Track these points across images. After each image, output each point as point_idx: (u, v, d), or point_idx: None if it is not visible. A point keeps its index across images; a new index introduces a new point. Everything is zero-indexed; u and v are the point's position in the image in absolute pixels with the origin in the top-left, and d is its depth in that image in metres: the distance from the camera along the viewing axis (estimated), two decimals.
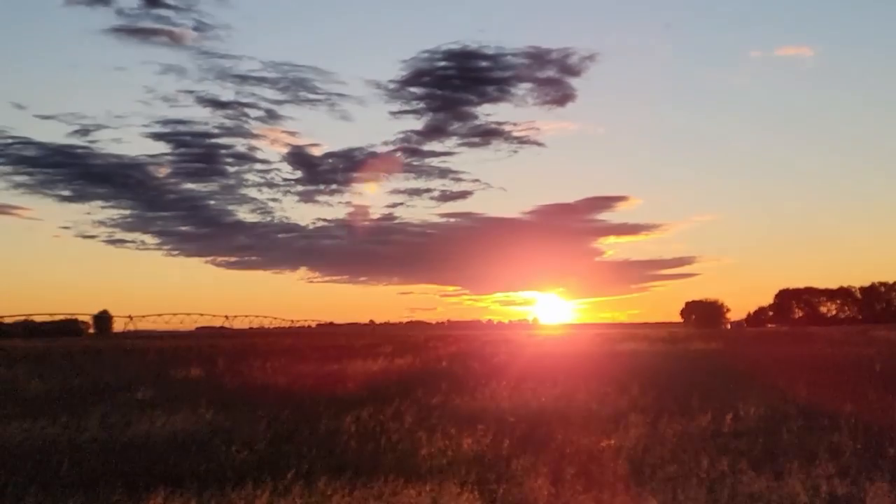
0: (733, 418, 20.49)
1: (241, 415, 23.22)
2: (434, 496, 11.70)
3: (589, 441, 17.32)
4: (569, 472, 13.78)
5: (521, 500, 11.83)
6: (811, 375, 32.89)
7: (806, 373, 34.34)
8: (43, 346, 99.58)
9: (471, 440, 17.69)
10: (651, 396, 25.61)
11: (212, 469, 15.60)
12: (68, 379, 40.26)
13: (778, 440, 17.57)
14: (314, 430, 20.35)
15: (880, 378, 31.89)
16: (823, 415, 20.99)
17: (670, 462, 14.90)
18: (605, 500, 11.29)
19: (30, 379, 39.75)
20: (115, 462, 16.72)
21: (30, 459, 17.06)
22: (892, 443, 16.39)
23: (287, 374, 40.78)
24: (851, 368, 37.77)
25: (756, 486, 12.31)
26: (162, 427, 20.93)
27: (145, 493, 12.20)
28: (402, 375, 38.95)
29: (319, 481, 13.09)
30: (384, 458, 16.47)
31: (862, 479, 12.88)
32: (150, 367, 49.44)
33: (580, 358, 50.07)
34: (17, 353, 76.66)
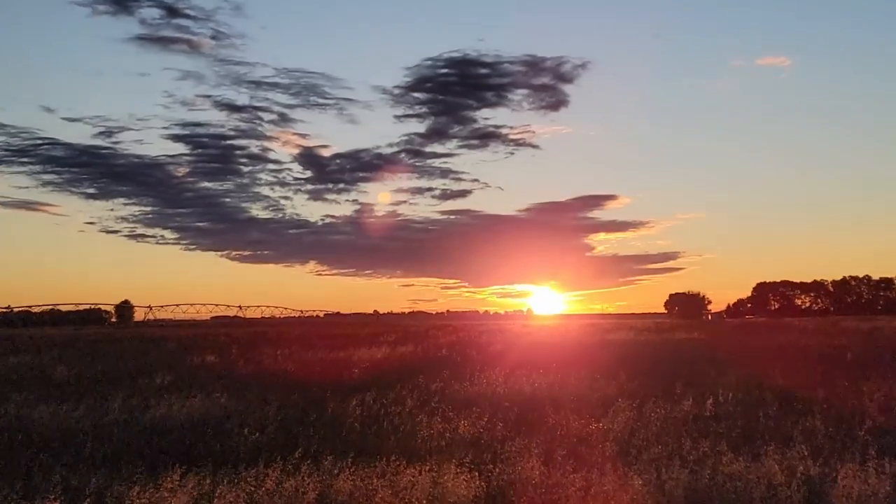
0: (714, 403, 20.51)
1: (253, 399, 23.23)
2: (433, 476, 11.70)
3: (579, 424, 17.32)
4: (560, 453, 13.79)
5: (514, 480, 11.83)
6: (786, 363, 32.90)
7: (781, 361, 34.35)
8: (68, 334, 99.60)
9: (468, 423, 17.70)
10: (637, 382, 25.63)
11: (225, 449, 15.64)
12: (92, 365, 40.27)
13: (755, 424, 17.58)
14: (321, 414, 20.35)
15: (851, 366, 31.93)
16: (798, 400, 21.01)
17: (655, 444, 14.92)
18: (593, 480, 11.29)
19: (56, 365, 39.76)
20: (135, 442, 16.74)
21: (56, 440, 17.09)
22: (862, 426, 16.41)
23: (296, 361, 40.81)
24: (824, 357, 37.77)
25: (735, 466, 12.32)
26: (179, 410, 20.93)
27: (164, 471, 12.20)
28: (404, 363, 38.97)
29: (326, 461, 13.11)
30: (387, 439, 16.49)
31: (834, 460, 12.91)
32: (169, 354, 49.43)
33: (571, 347, 50.05)
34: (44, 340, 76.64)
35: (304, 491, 11.16)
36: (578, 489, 10.54)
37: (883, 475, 11.38)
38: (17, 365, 41.56)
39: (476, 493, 11.18)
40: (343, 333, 79.35)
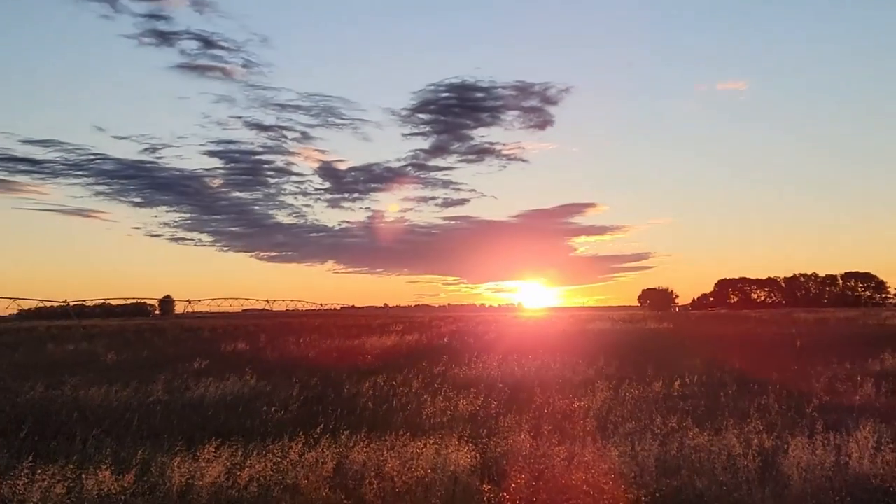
0: (680, 384, 20.54)
1: (279, 381, 23.26)
2: (436, 448, 11.70)
3: (563, 403, 17.35)
4: (546, 428, 13.80)
5: (507, 451, 11.84)
6: (744, 350, 32.97)
7: (739, 347, 34.41)
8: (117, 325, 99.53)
9: (466, 402, 17.71)
10: (614, 366, 25.66)
11: (255, 425, 15.68)
12: (138, 352, 40.35)
13: (717, 402, 17.61)
14: (338, 394, 20.39)
15: (800, 352, 31.96)
16: (754, 381, 21.02)
17: (629, 420, 14.94)
18: (576, 451, 11.29)
19: (107, 351, 39.77)
20: (176, 419, 16.78)
21: (107, 416, 17.11)
22: (810, 405, 16.43)
23: (316, 348, 40.83)
24: (777, 344, 37.83)
25: (699, 439, 12.32)
26: (214, 391, 20.96)
27: (201, 444, 12.19)
28: (410, 349, 38.96)
29: (342, 435, 13.14)
30: (395, 416, 16.53)
31: (785, 434, 12.93)
32: (205, 342, 49.46)
33: (556, 336, 49.99)
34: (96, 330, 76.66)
35: (323, 461, 11.17)
36: (562, 459, 10.55)
37: (828, 447, 11.39)
38: (73, 352, 41.60)
39: (473, 462, 11.18)
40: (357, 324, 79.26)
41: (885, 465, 10.29)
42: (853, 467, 10.36)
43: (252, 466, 10.84)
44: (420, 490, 9.72)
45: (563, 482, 9.13)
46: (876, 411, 15.98)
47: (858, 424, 12.89)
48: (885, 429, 13.08)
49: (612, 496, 8.77)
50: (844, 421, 14.47)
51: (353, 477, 10.48)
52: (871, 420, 13.55)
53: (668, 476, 10.37)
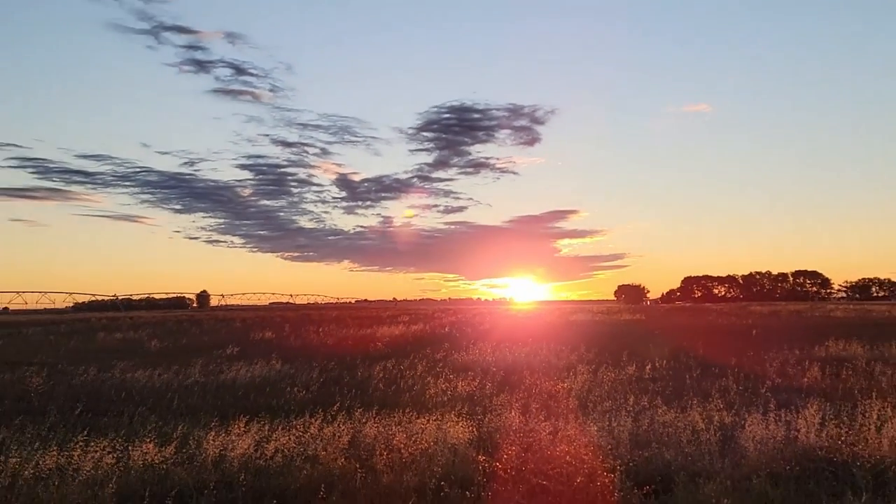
0: (651, 368, 20.54)
1: (301, 365, 23.26)
2: (438, 423, 11.71)
3: (548, 384, 17.36)
4: (534, 406, 13.82)
5: (500, 426, 11.84)
6: (706, 338, 32.95)
7: (703, 336, 34.38)
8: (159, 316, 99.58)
9: (464, 384, 17.73)
10: (593, 353, 25.66)
11: (280, 404, 15.70)
12: (178, 340, 40.38)
13: (683, 384, 17.63)
14: (352, 377, 20.41)
15: (756, 340, 31.99)
16: (715, 366, 21.04)
17: (606, 399, 14.94)
18: (559, 427, 11.30)
19: (150, 339, 39.84)
20: (211, 398, 16.82)
21: (151, 396, 17.15)
22: (764, 386, 16.45)
23: (334, 336, 40.85)
24: (735, 333, 37.84)
25: (667, 416, 12.34)
26: (244, 374, 20.99)
27: (233, 420, 12.21)
28: (416, 338, 38.99)
29: (356, 412, 13.14)
30: (402, 396, 16.54)
31: (742, 411, 12.95)
32: (236, 331, 49.46)
33: (543, 326, 50.04)
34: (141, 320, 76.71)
35: (339, 435, 11.18)
36: (548, 434, 10.55)
37: (780, 423, 11.40)
38: (121, 340, 41.66)
39: (470, 436, 11.19)
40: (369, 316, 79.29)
41: (829, 439, 10.30)
42: (801, 440, 10.37)
43: (277, 440, 10.85)
44: (424, 460, 9.73)
45: (549, 454, 9.13)
46: (821, 392, 16.02)
47: (806, 403, 12.89)
48: (829, 407, 13.11)
49: (592, 466, 8.77)
50: (794, 400, 14.49)
51: (365, 448, 10.49)
52: (816, 399, 13.57)
53: (640, 448, 10.37)
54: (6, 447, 10.86)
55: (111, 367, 23.56)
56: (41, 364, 25.86)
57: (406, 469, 9.36)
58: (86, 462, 9.54)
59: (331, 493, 8.52)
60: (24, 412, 14.93)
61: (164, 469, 9.54)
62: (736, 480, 8.72)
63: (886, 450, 9.72)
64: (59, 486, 8.75)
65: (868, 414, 11.83)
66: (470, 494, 8.26)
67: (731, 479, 8.78)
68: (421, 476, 9.03)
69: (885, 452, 9.63)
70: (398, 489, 8.62)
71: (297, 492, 8.67)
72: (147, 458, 9.87)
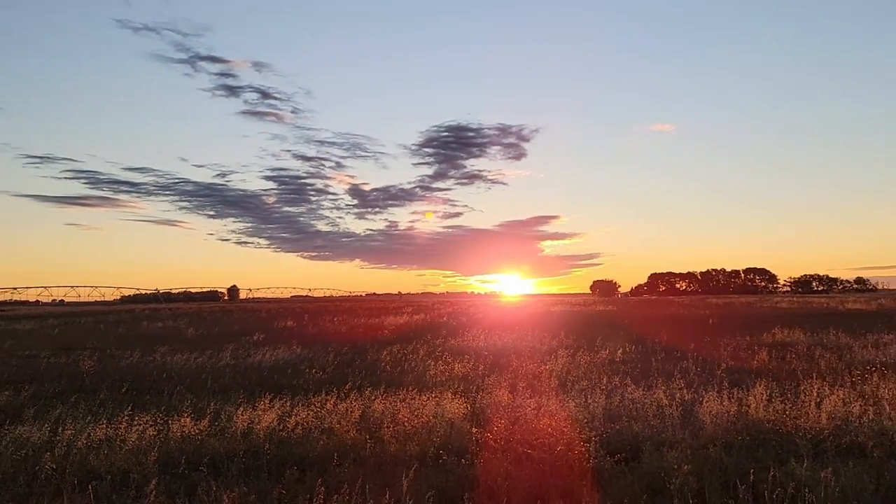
0: (622, 352, 20.55)
1: (318, 350, 23.24)
2: (437, 400, 11.70)
3: (533, 366, 17.34)
4: (520, 385, 13.80)
5: (490, 403, 11.84)
6: (669, 327, 32.98)
7: (666, 325, 34.42)
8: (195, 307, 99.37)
9: (460, 366, 17.71)
10: (571, 339, 25.66)
11: (300, 383, 15.68)
12: (211, 328, 40.31)
13: (649, 366, 17.62)
14: (363, 360, 20.38)
15: (712, 328, 32.02)
16: (677, 350, 21.08)
17: (583, 379, 14.93)
18: (542, 403, 11.30)
19: (187, 327, 39.79)
20: (240, 378, 16.79)
21: (187, 376, 17.12)
22: (719, 368, 16.46)
23: (346, 325, 40.81)
24: (694, 322, 37.86)
25: (636, 394, 12.34)
26: (269, 357, 20.96)
27: (258, 397, 12.21)
28: (418, 326, 38.97)
29: (366, 391, 13.14)
30: (406, 376, 16.53)
31: (701, 389, 12.95)
32: (262, 320, 49.41)
33: (528, 316, 50.02)
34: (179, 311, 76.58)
35: (351, 410, 11.17)
36: (533, 409, 10.55)
37: (732, 399, 11.42)
38: (162, 328, 41.58)
39: (465, 411, 11.19)
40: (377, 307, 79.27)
41: (775, 413, 10.31)
42: (751, 414, 10.39)
43: (297, 414, 10.84)
44: (425, 432, 9.72)
45: (533, 426, 9.13)
46: (768, 372, 16.03)
47: (755, 382, 12.92)
48: (775, 386, 13.12)
49: (570, 437, 8.77)
50: (745, 380, 14.50)
51: (374, 422, 10.48)
52: (764, 379, 13.60)
53: (612, 421, 10.38)
54: (63, 421, 10.84)
55: (153, 351, 23.54)
56: (92, 349, 25.84)
57: (409, 440, 9.36)
58: (131, 434, 9.53)
59: (344, 460, 8.51)
60: (78, 390, 14.91)
61: (199, 440, 9.53)
62: (695, 449, 8.72)
63: (824, 423, 9.75)
64: (108, 455, 8.74)
65: (809, 392, 11.85)
66: (465, 462, 8.26)
67: (690, 447, 8.78)
68: (422, 446, 9.04)
69: (823, 425, 9.65)
70: (403, 457, 8.62)
71: (314, 460, 8.66)
72: (184, 430, 9.86)
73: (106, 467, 8.26)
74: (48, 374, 17.97)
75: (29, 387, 15.53)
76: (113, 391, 14.68)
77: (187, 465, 8.31)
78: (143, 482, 7.53)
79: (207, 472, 8.04)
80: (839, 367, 16.42)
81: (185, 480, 7.87)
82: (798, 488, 6.98)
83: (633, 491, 7.27)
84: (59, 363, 21.01)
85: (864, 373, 14.43)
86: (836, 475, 7.32)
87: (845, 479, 7.31)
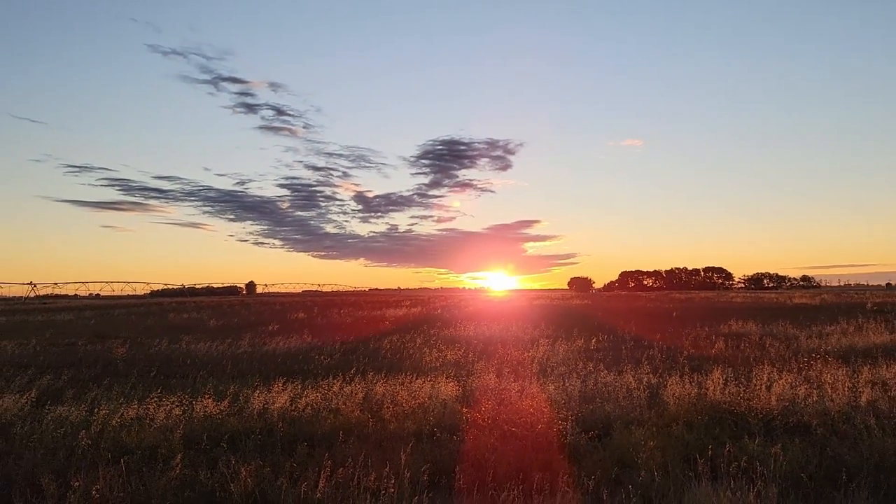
0: (595, 342, 20.56)
1: (326, 339, 23.17)
2: (432, 383, 11.70)
3: (517, 353, 17.35)
4: (506, 370, 13.83)
5: (479, 386, 11.83)
6: (638, 319, 33.05)
7: (635, 317, 34.49)
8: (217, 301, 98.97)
9: (452, 353, 17.70)
10: (551, 329, 25.68)
11: (310, 368, 15.62)
12: (231, 319, 40.12)
13: (619, 353, 17.66)
14: (366, 348, 20.33)
15: (675, 320, 32.10)
16: (644, 340, 21.12)
17: (561, 365, 14.96)
18: (525, 386, 11.31)
19: (210, 318, 39.59)
20: (256, 364, 16.72)
21: (210, 362, 17.04)
22: (681, 355, 16.52)
23: (352, 316, 40.70)
24: (660, 315, 37.95)
25: (608, 378, 12.34)
26: (282, 345, 20.89)
27: (273, 381, 12.17)
28: (415, 318, 38.91)
29: (369, 375, 13.11)
30: (405, 362, 16.49)
31: (665, 374, 12.98)
32: (276, 312, 49.22)
33: (512, 309, 50.04)
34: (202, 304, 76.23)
35: (355, 393, 11.15)
36: (517, 391, 10.56)
37: (693, 383, 11.46)
38: (187, 319, 41.38)
39: (456, 393, 11.19)
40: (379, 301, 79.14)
41: (731, 395, 10.35)
42: (710, 396, 10.42)
43: (307, 396, 10.81)
44: (420, 412, 9.71)
45: (517, 407, 9.13)
46: (725, 359, 16.09)
47: (713, 368, 12.98)
48: (731, 371, 13.18)
49: (550, 416, 8.78)
50: (704, 366, 14.56)
51: (376, 403, 10.46)
52: (721, 365, 13.66)
53: (587, 403, 10.39)
54: (98, 402, 10.78)
55: (179, 340, 23.42)
56: (125, 338, 25.69)
57: (407, 419, 9.35)
58: (159, 413, 9.48)
59: (349, 437, 8.49)
60: (112, 375, 14.82)
61: (219, 419, 9.48)
62: (660, 427, 8.75)
63: (774, 404, 9.79)
64: (139, 432, 8.69)
65: (760, 377, 11.91)
66: (456, 438, 8.25)
67: (656, 426, 8.81)
68: (419, 424, 9.03)
69: (772, 406, 9.69)
70: (401, 434, 8.60)
71: (322, 437, 8.64)
72: (206, 410, 9.82)
73: (136, 443, 8.22)
74: (85, 360, 17.86)
75: (68, 371, 15.43)
76: (143, 375, 14.61)
77: (209, 442, 8.26)
78: (170, 456, 7.49)
79: (227, 448, 8.00)
80: (787, 355, 16.49)
81: (207, 455, 7.83)
82: (751, 462, 7.02)
83: (605, 464, 7.28)
84: (94, 350, 20.88)
85: (809, 360, 14.53)
86: (784, 450, 7.37)
87: (792, 454, 7.35)
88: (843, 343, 19.41)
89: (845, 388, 10.85)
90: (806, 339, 20.71)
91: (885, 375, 12.30)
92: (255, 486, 6.57)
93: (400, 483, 6.48)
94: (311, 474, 6.76)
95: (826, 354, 15.53)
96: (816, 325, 25.90)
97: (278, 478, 6.75)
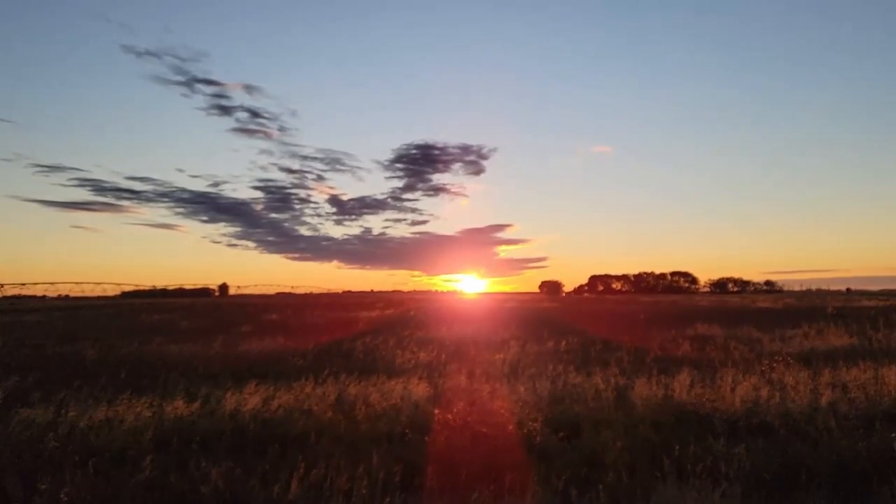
0: (565, 343, 20.67)
1: (299, 341, 22.91)
2: (404, 385, 11.65)
3: (488, 355, 17.35)
4: (477, 371, 13.84)
5: (451, 387, 11.81)
6: (606, 321, 33.38)
7: (603, 320, 34.84)
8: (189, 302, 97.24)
9: (425, 354, 17.64)
10: (522, 332, 25.76)
11: (282, 370, 15.41)
12: (203, 320, 39.44)
13: (588, 355, 17.76)
14: (339, 349, 20.15)
15: (643, 323, 32.46)
16: (613, 342, 21.28)
17: (531, 367, 14.97)
18: (496, 387, 11.33)
19: (181, 320, 38.86)
20: (229, 366, 16.42)
21: (181, 364, 16.68)
22: (649, 357, 16.69)
23: (325, 318, 40.34)
24: (628, 318, 38.35)
25: (577, 380, 12.42)
26: (255, 347, 20.61)
27: (245, 383, 11.98)
28: (389, 320, 38.71)
29: (341, 377, 12.98)
30: (377, 364, 16.38)
31: (633, 376, 13.09)
32: (249, 314, 48.52)
33: (484, 311, 50.13)
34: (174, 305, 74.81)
35: (328, 394, 11.04)
36: (488, 392, 10.57)
37: (660, 385, 11.58)
38: (158, 320, 40.57)
39: (428, 394, 11.15)
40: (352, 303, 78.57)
41: (696, 397, 10.49)
42: (676, 398, 10.55)
43: (280, 397, 10.67)
44: (393, 412, 9.66)
45: (488, 407, 9.15)
46: (691, 362, 16.26)
47: (679, 370, 13.12)
48: (697, 373, 13.32)
49: (520, 417, 8.81)
50: (670, 368, 14.68)
51: (348, 404, 10.37)
52: (687, 367, 13.81)
53: (556, 404, 10.44)
54: (66, 403, 10.47)
55: (150, 341, 22.93)
56: (95, 339, 25.05)
57: (379, 419, 9.29)
58: (129, 415, 9.27)
59: (321, 438, 8.39)
60: (81, 376, 14.40)
61: (190, 420, 9.30)
62: (628, 427, 8.83)
63: (738, 405, 9.95)
64: (108, 434, 8.48)
65: (725, 378, 12.06)
66: (428, 439, 8.22)
67: (624, 426, 8.89)
68: (391, 425, 8.98)
69: (737, 408, 9.85)
70: (373, 435, 8.55)
71: (295, 438, 8.53)
72: (177, 412, 9.63)
73: (105, 445, 8.01)
74: (53, 362, 17.37)
75: (36, 373, 14.95)
76: (113, 377, 14.23)
77: (180, 443, 8.10)
78: (140, 458, 7.31)
79: (198, 450, 7.86)
80: (751, 358, 16.72)
81: (177, 457, 7.66)
82: (715, 462, 7.12)
83: (574, 464, 7.33)
84: (63, 352, 20.32)
85: (772, 362, 14.77)
86: (748, 450, 7.50)
87: (756, 454, 7.49)
88: (804, 346, 19.79)
89: (807, 390, 11.02)
90: (769, 342, 21.05)
91: (845, 378, 12.56)
92: (227, 488, 6.45)
93: (372, 484, 6.44)
94: (284, 475, 6.67)
95: (788, 357, 15.81)
96: (779, 329, 26.41)
97: (250, 479, 6.64)
